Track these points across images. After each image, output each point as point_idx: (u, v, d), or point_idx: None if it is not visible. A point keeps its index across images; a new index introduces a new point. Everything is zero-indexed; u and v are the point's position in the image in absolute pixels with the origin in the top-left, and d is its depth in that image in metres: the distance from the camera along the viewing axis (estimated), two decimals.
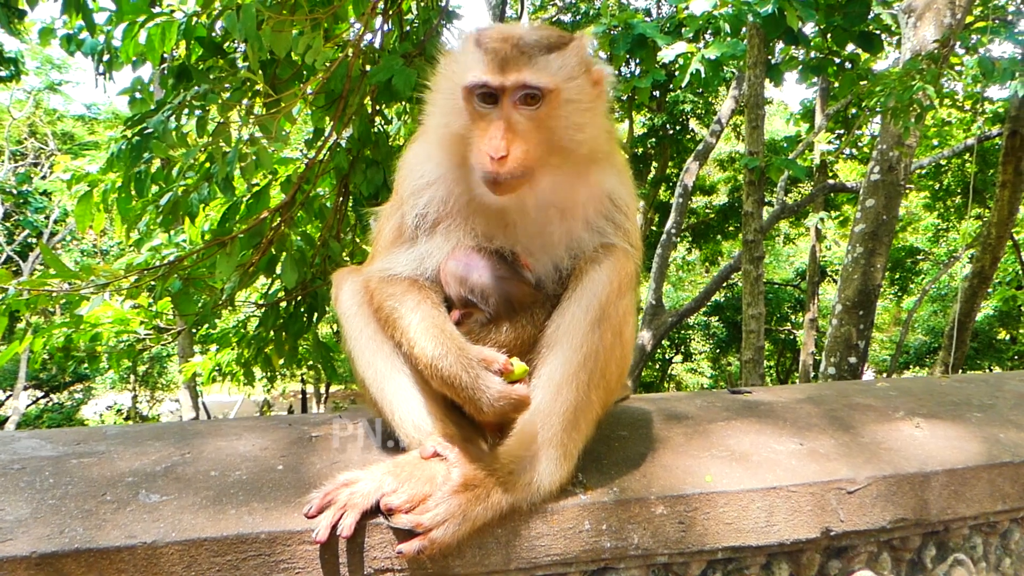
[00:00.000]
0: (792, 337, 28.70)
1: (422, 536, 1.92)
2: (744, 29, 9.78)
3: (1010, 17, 16.10)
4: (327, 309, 6.88)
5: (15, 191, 25.41)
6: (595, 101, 2.21)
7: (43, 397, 29.10)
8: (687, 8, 8.04)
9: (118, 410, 30.99)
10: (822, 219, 19.69)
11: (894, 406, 2.93)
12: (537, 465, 2.08)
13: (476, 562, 2.03)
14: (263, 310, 6.83)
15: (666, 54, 8.36)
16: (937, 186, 22.38)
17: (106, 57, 6.37)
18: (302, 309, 6.69)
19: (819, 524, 2.33)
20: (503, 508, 2.03)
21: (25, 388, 26.35)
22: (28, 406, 27.59)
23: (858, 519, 2.37)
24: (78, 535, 1.83)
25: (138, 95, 6.17)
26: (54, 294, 5.87)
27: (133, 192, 5.93)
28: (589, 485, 2.19)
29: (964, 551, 2.64)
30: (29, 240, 25.77)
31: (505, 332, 2.19)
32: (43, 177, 26.06)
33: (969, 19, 13.16)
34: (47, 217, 25.99)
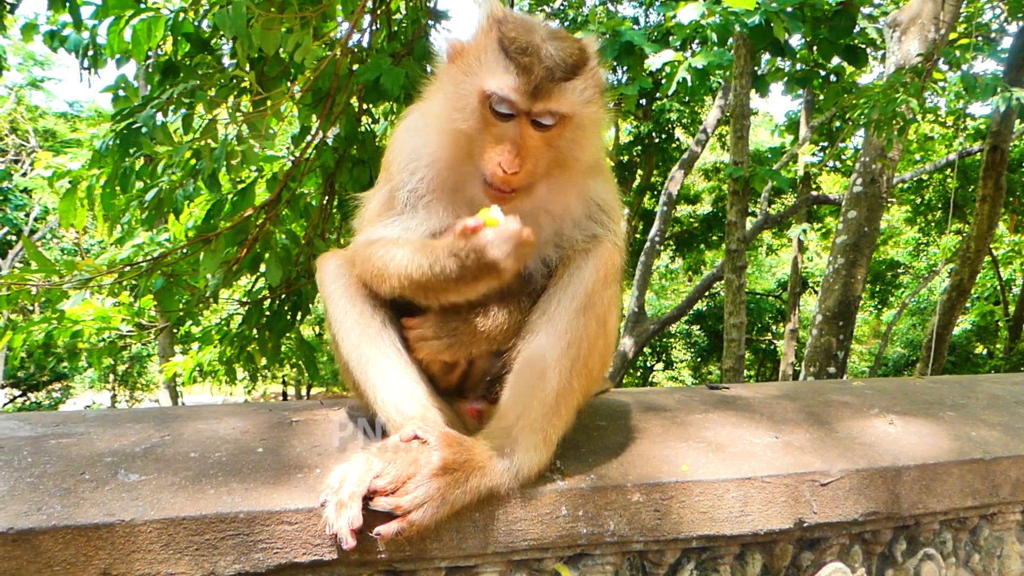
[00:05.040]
0: (773, 347, 28.89)
1: (401, 518, 1.93)
2: (731, 39, 9.87)
3: (993, 35, 16.35)
4: (311, 308, 6.87)
5: None
6: (600, 121, 2.25)
7: (20, 396, 28.77)
8: (675, 17, 8.11)
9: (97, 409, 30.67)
10: (804, 230, 19.83)
11: (869, 403, 2.97)
12: (517, 450, 2.10)
13: (454, 545, 2.04)
14: (247, 308, 6.82)
15: (653, 62, 8.44)
16: (919, 200, 22.63)
17: (90, 52, 6.36)
18: (286, 307, 6.68)
19: (792, 515, 2.36)
20: (482, 492, 2.04)
21: (2, 386, 26.07)
22: (5, 404, 27.28)
23: (831, 511, 2.41)
24: (56, 512, 1.83)
25: (122, 93, 6.16)
26: (35, 290, 5.84)
27: (118, 188, 5.91)
28: (567, 472, 2.21)
29: (934, 546, 2.69)
30: (8, 238, 25.50)
31: (492, 317, 2.19)
32: (24, 174, 25.80)
33: (953, 36, 13.35)
34: (27, 215, 25.74)
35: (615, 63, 8.91)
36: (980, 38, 15.40)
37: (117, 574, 1.82)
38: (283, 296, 6.58)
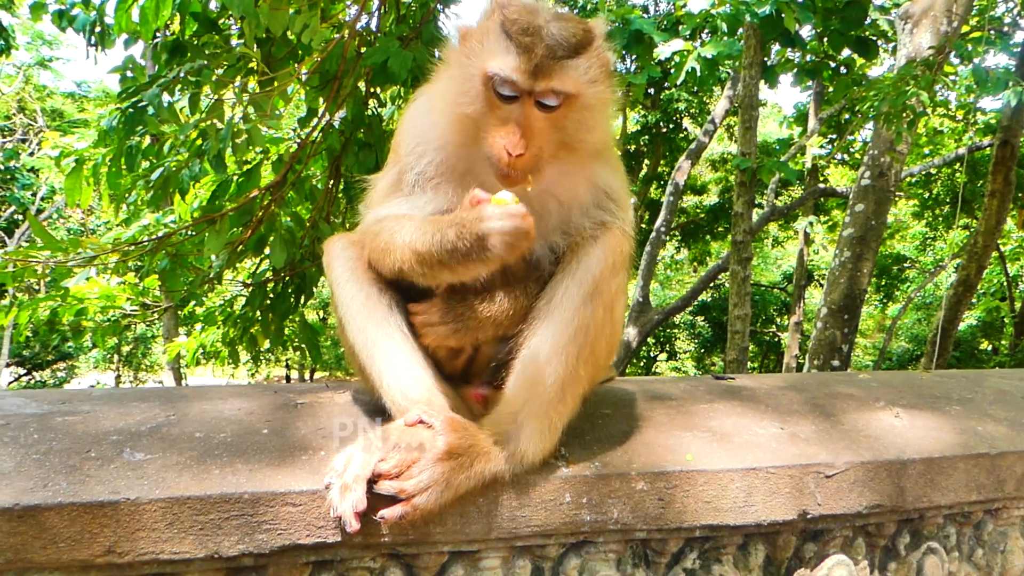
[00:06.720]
0: (777, 339, 28.85)
1: (405, 502, 1.93)
2: (741, 29, 9.80)
3: (1006, 29, 16.24)
4: (314, 291, 6.86)
5: (2, 167, 25.14)
6: (608, 103, 2.23)
7: (26, 375, 28.93)
8: (685, 6, 8.07)
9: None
10: (811, 223, 19.79)
11: (875, 396, 2.96)
12: (521, 436, 2.10)
13: (457, 530, 2.04)
14: (250, 290, 6.81)
15: (662, 51, 8.38)
16: (926, 195, 22.52)
17: (98, 30, 6.34)
18: (290, 290, 6.68)
19: (796, 506, 2.35)
20: (486, 477, 2.04)
21: (8, 365, 26.17)
22: (10, 383, 27.41)
23: (835, 503, 2.40)
24: (62, 489, 1.84)
25: (130, 73, 6.14)
26: (40, 267, 5.85)
27: (123, 167, 5.90)
28: (572, 459, 2.21)
29: (938, 540, 2.68)
30: (15, 217, 25.53)
31: (499, 302, 2.18)
32: (31, 154, 25.79)
33: (965, 29, 13.26)
34: (34, 194, 25.76)
35: (624, 52, 8.86)
36: (992, 32, 15.31)
37: (122, 552, 1.83)
38: (287, 278, 6.57)
